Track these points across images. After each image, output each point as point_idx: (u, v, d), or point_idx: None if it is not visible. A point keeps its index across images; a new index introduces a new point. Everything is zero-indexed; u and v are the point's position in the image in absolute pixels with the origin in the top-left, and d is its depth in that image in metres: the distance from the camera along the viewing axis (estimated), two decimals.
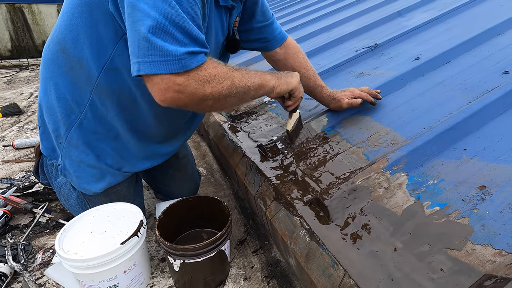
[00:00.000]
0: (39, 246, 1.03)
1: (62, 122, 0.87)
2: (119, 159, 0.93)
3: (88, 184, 0.93)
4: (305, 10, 2.90)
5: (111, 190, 0.97)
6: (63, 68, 0.82)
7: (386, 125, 0.94)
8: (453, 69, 1.11)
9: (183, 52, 0.62)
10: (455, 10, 1.64)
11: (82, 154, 0.89)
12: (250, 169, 0.97)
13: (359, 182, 0.73)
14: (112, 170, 0.93)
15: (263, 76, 0.81)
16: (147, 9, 0.60)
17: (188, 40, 0.63)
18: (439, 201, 0.65)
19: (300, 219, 0.71)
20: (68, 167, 0.93)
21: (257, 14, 0.99)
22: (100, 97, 0.83)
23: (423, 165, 0.75)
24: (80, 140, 0.88)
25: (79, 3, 0.74)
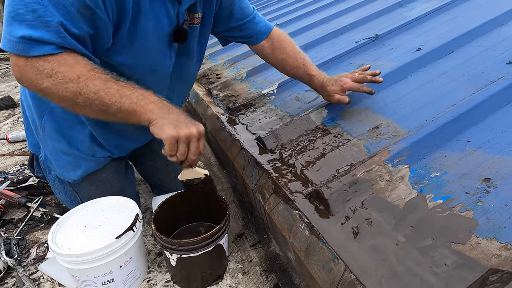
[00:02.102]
0: (33, 241, 1.01)
1: (35, 112, 0.87)
2: (90, 145, 0.90)
3: (67, 172, 0.91)
4: (303, 1, 2.84)
5: (94, 177, 0.94)
6: None
7: (387, 117, 0.92)
8: (456, 60, 1.09)
9: (21, 35, 0.59)
10: (457, 0, 1.60)
11: (56, 142, 0.88)
12: (249, 162, 0.95)
13: (360, 174, 0.71)
14: (86, 157, 0.90)
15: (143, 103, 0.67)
16: None
17: (37, 25, 0.59)
18: (442, 194, 0.63)
19: (300, 213, 0.69)
20: (48, 157, 0.92)
21: (235, 13, 0.97)
22: None
23: (426, 157, 0.73)
24: (52, 128, 0.87)
25: None
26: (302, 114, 1.08)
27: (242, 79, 1.60)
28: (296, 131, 0.98)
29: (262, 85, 1.47)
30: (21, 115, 2.20)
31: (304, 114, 1.05)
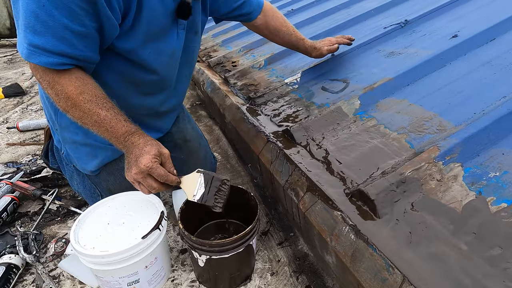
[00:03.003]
0: (50, 235, 0.98)
1: (51, 108, 0.86)
2: None
3: (85, 164, 0.89)
4: None
5: (112, 167, 0.91)
6: None
7: (429, 109, 0.85)
8: (500, 47, 1.00)
9: (27, 41, 0.62)
10: None
11: (73, 134, 0.86)
12: (277, 156, 0.89)
13: (408, 173, 0.65)
14: (103, 145, 0.87)
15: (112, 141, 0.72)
16: None
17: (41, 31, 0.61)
18: (506, 197, 0.57)
19: (342, 214, 0.63)
20: (69, 151, 0.90)
21: None
22: None
23: (480, 154, 0.67)
24: (68, 121, 0.84)
25: None
26: (332, 105, 1.01)
27: (261, 67, 1.52)
28: (327, 124, 0.92)
29: (283, 73, 1.39)
30: (30, 103, 2.15)
31: (334, 105, 0.98)
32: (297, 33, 1.17)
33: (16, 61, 3.35)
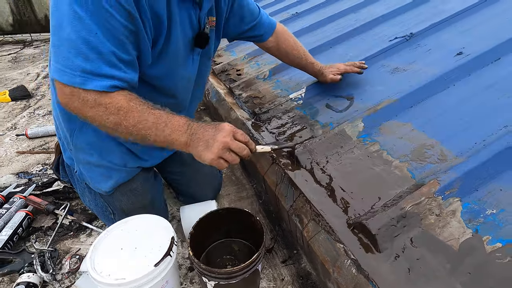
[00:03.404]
0: (64, 251, 1.02)
1: (66, 129, 0.88)
2: (121, 155, 0.90)
3: (99, 184, 0.92)
4: None
5: (126, 188, 0.94)
6: None
7: (430, 136, 0.87)
8: (505, 69, 1.01)
9: (82, 69, 0.63)
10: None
11: (88, 155, 0.89)
12: (282, 179, 0.91)
13: (409, 208, 0.67)
14: (117, 167, 0.90)
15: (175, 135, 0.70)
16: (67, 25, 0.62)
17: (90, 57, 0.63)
18: (501, 236, 0.60)
19: (344, 247, 0.67)
20: (82, 171, 0.93)
21: (245, 17, 1.03)
22: None
23: (479, 189, 0.69)
24: (83, 142, 0.87)
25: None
26: (336, 126, 1.03)
27: (265, 78, 1.54)
28: (331, 147, 0.94)
29: (287, 86, 1.40)
30: (37, 107, 2.18)
31: (338, 127, 1.00)
32: (308, 56, 1.19)
33: (20, 60, 3.36)
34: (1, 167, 1.49)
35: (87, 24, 0.61)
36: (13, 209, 1.11)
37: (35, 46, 3.93)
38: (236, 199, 1.25)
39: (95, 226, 1.10)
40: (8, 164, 1.51)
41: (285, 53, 1.18)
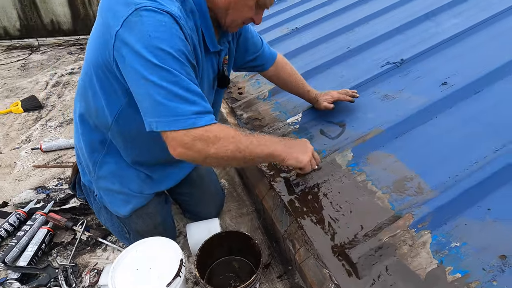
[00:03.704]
0: (83, 265, 1.14)
1: (89, 160, 0.99)
2: (139, 183, 1.03)
3: (118, 208, 1.03)
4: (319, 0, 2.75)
5: (141, 211, 1.06)
6: (88, 115, 0.93)
7: (410, 168, 0.97)
8: (483, 103, 1.10)
9: (192, 111, 0.72)
10: (489, 20, 1.56)
11: (109, 183, 1.00)
12: (278, 205, 1.02)
13: (386, 239, 0.78)
14: (136, 194, 1.03)
15: (274, 146, 0.87)
16: (157, 80, 0.69)
17: (194, 99, 0.73)
18: (461, 267, 0.70)
19: (329, 272, 0.78)
20: (103, 196, 1.04)
21: (249, 48, 1.13)
22: (114, 137, 0.94)
23: (447, 223, 0.80)
24: (106, 172, 0.99)
25: (93, 64, 0.81)
26: (328, 153, 1.13)
27: (265, 99, 1.64)
28: (322, 175, 1.05)
29: (285, 108, 1.50)
30: (48, 119, 2.30)
31: (329, 155, 1.10)
32: (304, 84, 1.30)
33: (29, 67, 3.46)
34: (20, 182, 1.61)
35: (175, 74, 0.69)
36: (35, 226, 1.23)
37: (42, 52, 4.04)
38: (237, 215, 1.36)
39: (110, 241, 1.22)
40: (26, 178, 1.63)
41: (283, 81, 1.29)
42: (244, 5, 0.81)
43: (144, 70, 0.68)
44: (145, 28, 0.66)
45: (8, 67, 3.45)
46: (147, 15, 0.67)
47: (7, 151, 1.89)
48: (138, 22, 0.67)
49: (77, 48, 4.26)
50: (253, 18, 0.86)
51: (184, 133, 0.72)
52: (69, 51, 4.10)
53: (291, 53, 2.00)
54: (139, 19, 0.67)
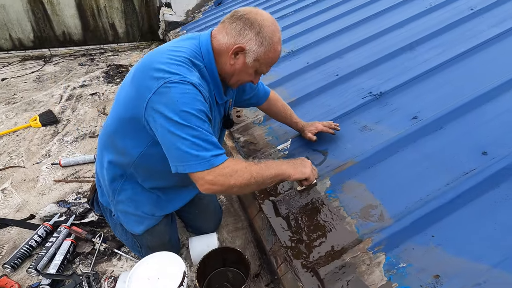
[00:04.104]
0: (102, 272, 1.35)
1: (109, 187, 1.19)
2: (151, 207, 1.23)
3: (133, 227, 1.23)
4: (314, 18, 2.92)
5: (152, 230, 1.26)
6: (112, 152, 1.13)
7: (377, 198, 1.16)
8: (442, 140, 1.28)
9: (210, 155, 0.91)
10: (463, 54, 1.73)
11: (126, 206, 1.20)
12: (265, 226, 1.22)
13: (348, 259, 0.97)
14: (148, 216, 1.23)
15: (280, 167, 1.06)
16: (183, 135, 0.89)
17: (211, 147, 0.92)
18: (404, 284, 0.89)
19: (302, 286, 0.97)
20: (120, 216, 1.24)
21: (246, 90, 1.33)
22: (137, 170, 1.14)
23: (399, 246, 0.98)
24: (123, 197, 1.19)
25: (124, 117, 1.01)
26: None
27: (260, 123, 1.83)
28: (304, 201, 1.24)
29: (277, 134, 1.70)
30: (64, 133, 2.51)
31: None
32: (293, 116, 1.50)
33: (43, 79, 3.69)
34: (44, 195, 1.82)
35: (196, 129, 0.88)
36: (60, 238, 1.44)
37: (55, 63, 4.26)
38: (233, 230, 1.56)
39: (123, 252, 1.43)
40: (49, 192, 1.85)
41: (275, 114, 1.49)
42: (245, 72, 1.01)
43: (171, 127, 0.87)
44: (172, 96, 0.87)
45: (24, 79, 3.68)
46: (174, 86, 0.87)
47: (30, 166, 2.11)
48: (167, 92, 0.87)
49: (87, 58, 4.48)
50: (252, 81, 1.06)
51: (207, 173, 0.90)
52: (80, 62, 4.32)
53: (286, 78, 2.19)
54: (168, 90, 0.87)
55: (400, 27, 2.30)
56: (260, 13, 0.96)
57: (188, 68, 0.93)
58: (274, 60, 1.01)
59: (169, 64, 0.91)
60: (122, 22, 4.98)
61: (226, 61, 0.99)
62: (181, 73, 0.90)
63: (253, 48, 0.95)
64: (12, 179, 1.97)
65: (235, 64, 0.99)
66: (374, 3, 2.83)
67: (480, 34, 1.82)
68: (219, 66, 1.01)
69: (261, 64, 0.99)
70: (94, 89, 3.39)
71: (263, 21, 0.94)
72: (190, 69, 0.93)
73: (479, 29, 1.90)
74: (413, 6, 2.53)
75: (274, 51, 0.98)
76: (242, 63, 0.98)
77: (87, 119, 2.74)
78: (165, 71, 0.89)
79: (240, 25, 0.94)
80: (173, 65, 0.91)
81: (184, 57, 0.94)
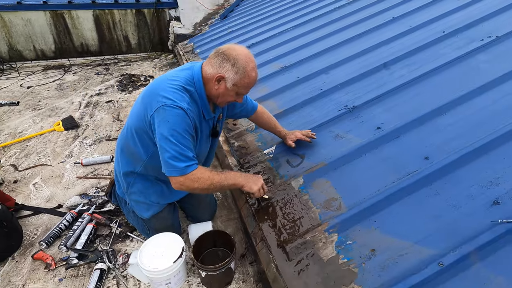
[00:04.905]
0: (117, 250, 1.66)
1: (124, 181, 1.51)
2: (157, 197, 1.54)
3: (142, 213, 1.54)
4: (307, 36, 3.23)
5: (158, 216, 1.57)
6: (127, 154, 1.46)
7: (338, 192, 1.44)
8: (397, 146, 1.56)
9: (183, 166, 1.23)
10: (428, 73, 2.00)
11: (137, 196, 1.52)
12: (249, 214, 1.51)
13: (309, 238, 1.26)
14: (155, 204, 1.53)
15: (236, 179, 1.36)
16: (167, 148, 1.22)
17: (185, 159, 1.24)
18: (347, 256, 1.17)
19: (273, 257, 1.26)
20: (133, 204, 1.55)
21: (236, 105, 1.60)
22: (146, 168, 1.45)
23: (348, 229, 1.26)
24: (135, 189, 1.50)
25: (135, 127, 1.34)
26: (288, 178, 1.61)
27: (252, 130, 2.13)
28: (282, 194, 1.53)
29: (265, 140, 1.99)
30: (84, 137, 2.86)
31: (289, 180, 1.58)
32: (277, 126, 1.79)
33: (64, 87, 4.08)
34: (68, 189, 2.16)
35: (179, 146, 1.20)
36: (84, 222, 1.75)
37: (73, 72, 4.67)
38: (226, 220, 1.85)
39: (135, 235, 1.73)
40: (73, 187, 2.18)
41: (261, 124, 1.80)
42: (228, 95, 1.31)
43: (161, 141, 1.22)
44: (166, 116, 1.20)
45: (47, 87, 4.08)
46: (168, 109, 1.20)
47: (56, 164, 2.45)
48: (163, 112, 1.20)
49: (103, 68, 4.88)
50: (236, 100, 1.36)
51: (179, 177, 1.24)
52: (96, 71, 4.72)
53: (278, 91, 2.49)
54: (164, 111, 1.20)
55: (382, 46, 2.58)
56: (236, 48, 1.27)
57: (181, 94, 1.25)
58: (249, 84, 1.30)
59: (167, 91, 1.23)
60: (135, 34, 5.39)
61: (212, 86, 1.30)
62: (175, 99, 1.22)
63: (230, 76, 1.25)
64: (41, 175, 2.32)
65: (219, 89, 1.29)
66: (361, 22, 3.13)
67: (447, 55, 2.10)
68: (207, 90, 1.32)
69: (239, 88, 1.29)
70: (109, 97, 3.75)
71: (237, 55, 1.25)
72: (183, 95, 1.25)
73: (444, 51, 2.17)
74: (396, 26, 2.82)
75: (249, 77, 1.28)
76: (224, 88, 1.29)
77: (103, 124, 3.09)
78: (163, 96, 1.22)
79: (220, 59, 1.26)
80: (170, 92, 1.23)
81: (179, 85, 1.26)
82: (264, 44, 3.55)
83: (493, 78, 1.75)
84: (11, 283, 1.49)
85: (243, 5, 6.11)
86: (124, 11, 5.15)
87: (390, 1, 3.38)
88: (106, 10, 5.05)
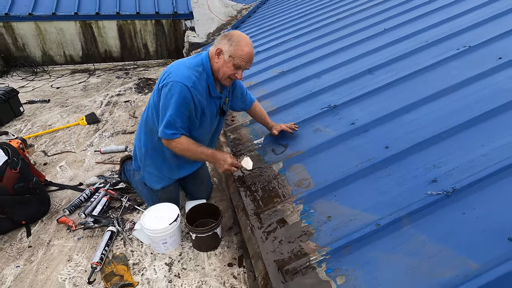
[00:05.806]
0: (125, 219, 1.97)
1: (143, 155, 1.83)
2: (169, 172, 1.85)
3: (153, 184, 1.86)
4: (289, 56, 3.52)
5: (166, 189, 1.88)
6: (146, 130, 1.78)
7: (310, 174, 1.70)
8: (365, 139, 1.81)
9: (170, 133, 1.55)
10: (406, 77, 2.24)
11: (151, 169, 1.83)
12: (236, 190, 1.79)
13: (279, 207, 1.52)
14: (165, 177, 1.85)
15: (208, 157, 1.70)
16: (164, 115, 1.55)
17: (173, 128, 1.55)
18: (308, 221, 1.42)
19: (250, 222, 1.53)
20: (145, 176, 1.87)
21: (239, 96, 1.93)
22: (159, 142, 1.74)
23: (313, 201, 1.52)
24: (149, 162, 1.82)
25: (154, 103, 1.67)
26: (271, 164, 1.89)
27: (246, 126, 2.43)
28: (263, 177, 1.80)
29: (256, 133, 2.28)
30: (104, 130, 3.25)
31: (271, 165, 1.86)
32: (267, 118, 2.08)
33: (88, 89, 4.55)
34: (88, 171, 2.52)
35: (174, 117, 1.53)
36: (100, 196, 2.09)
37: (97, 75, 5.16)
38: (219, 200, 2.14)
39: (142, 208, 2.05)
40: (92, 170, 2.54)
41: (254, 116, 2.10)
42: (226, 66, 1.61)
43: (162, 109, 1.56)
44: (171, 90, 1.52)
45: (74, 88, 4.56)
46: (174, 85, 1.52)
47: (79, 152, 2.83)
48: (170, 87, 1.53)
49: (123, 72, 5.36)
50: (235, 75, 1.65)
51: (166, 140, 1.59)
52: (117, 75, 5.20)
53: (274, 92, 2.78)
54: (171, 85, 1.53)
55: (370, 54, 2.84)
56: (236, 32, 1.59)
57: (189, 72, 1.56)
58: (243, 56, 1.57)
59: (178, 70, 1.56)
60: (153, 42, 5.88)
61: (214, 62, 1.62)
62: (182, 76, 1.53)
63: (226, 48, 1.56)
64: (66, 160, 2.69)
65: (219, 62, 1.60)
66: (356, 33, 3.39)
67: (425, 62, 2.33)
68: (212, 66, 1.63)
69: (235, 59, 1.57)
70: (127, 98, 4.17)
71: (234, 34, 1.57)
72: (190, 74, 1.56)
73: (423, 59, 2.40)
74: (386, 37, 3.06)
75: (242, 50, 1.56)
76: (222, 60, 1.59)
77: (120, 121, 3.47)
78: (174, 74, 1.55)
79: (220, 38, 1.60)
80: (180, 71, 1.56)
81: (189, 66, 1.59)
82: (267, 52, 3.87)
83: (459, 81, 1.98)
84: (40, 239, 1.83)
85: (254, 17, 6.51)
86: (145, 22, 5.65)
87: (385, 14, 3.64)
88: (129, 21, 5.57)
